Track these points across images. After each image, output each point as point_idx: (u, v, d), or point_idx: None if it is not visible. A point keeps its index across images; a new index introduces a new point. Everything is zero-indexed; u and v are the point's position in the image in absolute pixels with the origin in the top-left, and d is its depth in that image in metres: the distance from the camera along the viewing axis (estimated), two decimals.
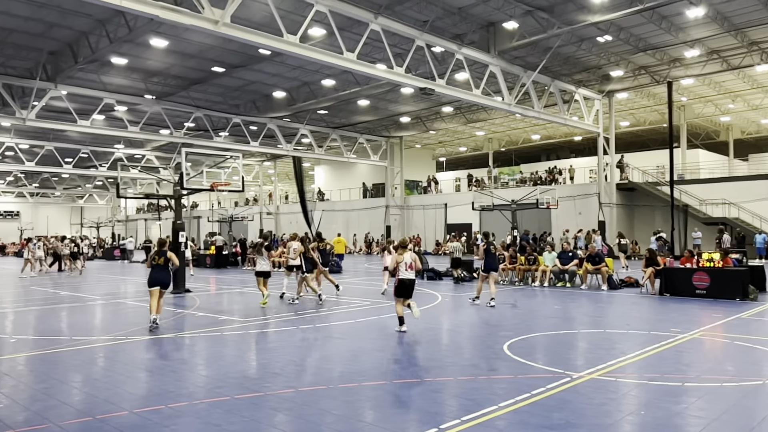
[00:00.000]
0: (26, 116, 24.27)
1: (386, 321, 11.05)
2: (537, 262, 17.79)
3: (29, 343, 9.38)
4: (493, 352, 8.09)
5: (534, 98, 25.33)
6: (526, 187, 33.77)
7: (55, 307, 14.03)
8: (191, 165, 25.44)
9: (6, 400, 6.18)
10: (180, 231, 16.45)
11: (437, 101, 30.89)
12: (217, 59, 24.45)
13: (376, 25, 17.88)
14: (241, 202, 54.79)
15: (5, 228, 63.18)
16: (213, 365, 7.72)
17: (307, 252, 14.00)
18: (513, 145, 45.34)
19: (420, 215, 40.95)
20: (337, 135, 37.10)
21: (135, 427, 5.19)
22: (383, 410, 5.75)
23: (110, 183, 54.53)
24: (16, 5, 18.29)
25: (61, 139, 38.59)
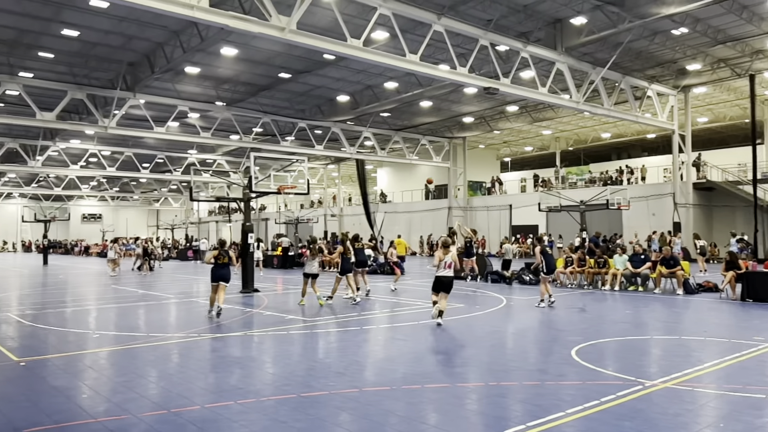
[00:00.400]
0: (108, 124, 25.73)
1: (448, 324, 10.98)
2: (607, 264, 17.19)
3: (110, 338, 9.93)
4: (561, 357, 7.88)
5: (603, 95, 24.51)
6: (596, 188, 32.69)
7: (133, 305, 14.79)
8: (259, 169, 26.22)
9: (89, 391, 6.58)
10: (249, 233, 16.96)
11: (502, 100, 30.43)
12: (283, 65, 25.08)
13: (439, 26, 17.82)
14: (306, 205, 55.92)
15: (89, 230, 67.22)
16: (279, 363, 7.91)
17: (345, 252, 14.15)
18: (581, 144, 44.01)
19: (484, 217, 40.42)
20: (400, 137, 37.22)
21: (206, 422, 5.40)
22: (447, 413, 5.72)
23: (184, 187, 56.97)
24: (99, 20, 19.44)
25: (139, 146, 40.71)
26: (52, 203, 59.46)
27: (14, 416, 5.57)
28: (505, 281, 19.09)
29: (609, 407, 5.68)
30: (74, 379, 7.12)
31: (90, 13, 18.63)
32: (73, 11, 18.59)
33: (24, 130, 34.67)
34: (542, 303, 13.05)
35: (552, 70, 21.73)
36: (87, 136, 36.63)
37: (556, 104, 24.64)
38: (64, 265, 36.15)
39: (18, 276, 26.37)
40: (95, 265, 35.06)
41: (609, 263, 17.14)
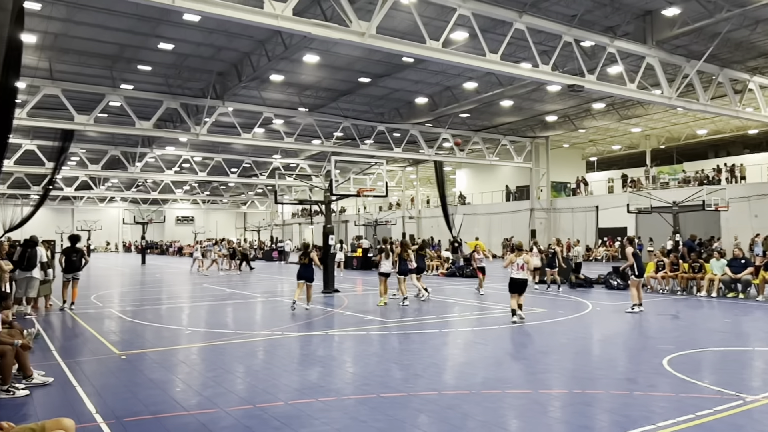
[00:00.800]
0: (199, 132, 27.14)
1: (530, 329, 10.72)
2: (703, 269, 16.16)
3: (201, 334, 10.47)
4: (651, 367, 7.48)
5: (699, 90, 23.04)
6: (690, 188, 30.82)
7: (222, 303, 15.50)
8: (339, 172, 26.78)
9: (182, 384, 6.96)
10: (330, 234, 17.33)
11: (587, 98, 29.33)
12: (363, 70, 25.46)
13: (520, 24, 17.45)
14: (384, 207, 56.40)
15: (182, 232, 71.16)
16: (359, 363, 8.03)
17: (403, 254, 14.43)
18: (674, 141, 41.61)
19: (568, 218, 39.12)
20: (479, 137, 36.72)
21: (290, 418, 5.57)
22: (528, 419, 5.58)
23: (269, 190, 59.09)
24: (191, 33, 20.57)
25: (227, 151, 42.67)
26: (149, 206, 63.49)
27: (116, 406, 5.99)
28: (590, 285, 18.44)
29: (705, 422, 5.34)
30: (169, 373, 7.57)
31: (183, 26, 19.75)
32: (168, 25, 19.77)
33: (125, 139, 37.28)
34: (636, 308, 12.52)
35: (642, 65, 20.69)
36: (180, 143, 38.85)
37: (647, 101, 23.44)
38: (160, 264, 38.50)
39: (119, 274, 28.33)
40: (188, 264, 37.07)
41: (705, 268, 16.11)
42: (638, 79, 21.02)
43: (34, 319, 11.95)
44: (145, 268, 32.26)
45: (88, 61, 23.27)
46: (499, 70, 18.23)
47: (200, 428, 5.33)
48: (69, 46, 21.63)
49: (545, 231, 39.83)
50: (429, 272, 25.43)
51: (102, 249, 67.51)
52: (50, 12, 18.12)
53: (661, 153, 43.73)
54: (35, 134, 32.65)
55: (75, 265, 13.58)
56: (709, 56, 21.58)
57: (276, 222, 68.24)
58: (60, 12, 18.34)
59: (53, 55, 22.22)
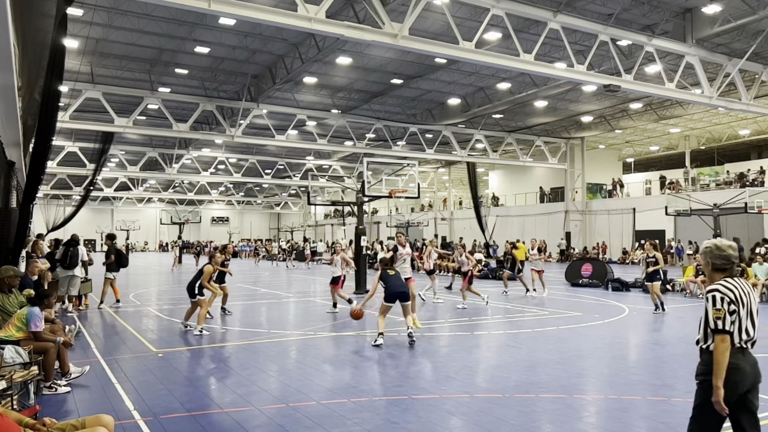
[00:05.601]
0: (234, 133, 27.60)
1: (564, 333, 10.56)
2: (746, 274, 15.64)
3: (235, 333, 10.62)
4: (690, 373, 7.24)
5: (741, 89, 22.36)
6: (732, 189, 29.91)
7: (256, 302, 15.70)
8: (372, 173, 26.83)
9: (217, 383, 7.08)
10: (362, 236, 17.39)
11: (624, 98, 28.78)
12: (395, 71, 25.49)
13: (555, 23, 17.22)
14: (416, 208, 56.30)
15: (217, 232, 72.38)
16: (391, 364, 8.03)
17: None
18: (715, 142, 40.44)
19: (604, 221, 38.38)
20: (513, 138, 36.37)
21: (323, 417, 5.60)
22: (562, 424, 5.49)
23: (302, 191, 59.64)
24: (227, 36, 20.93)
25: (261, 153, 43.24)
26: (185, 207, 64.77)
27: (153, 403, 6.12)
28: (626, 289, 18.11)
29: None
30: (204, 371, 7.70)
31: (219, 30, 20.11)
32: (204, 29, 20.16)
33: (162, 141, 38.15)
34: (658, 309, 12.67)
35: (681, 64, 20.20)
36: (216, 145, 39.53)
37: (686, 100, 22.87)
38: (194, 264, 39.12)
39: (156, 273, 28.98)
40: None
41: (748, 272, 15.60)
42: (677, 79, 20.51)
43: (75, 317, 12.31)
44: (182, 267, 32.91)
45: (127, 65, 23.90)
46: (533, 71, 18.03)
47: (234, 426, 5.41)
48: (109, 50, 22.25)
49: (580, 233, 39.19)
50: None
51: (140, 248, 69.13)
52: (92, 17, 18.67)
53: (701, 154, 42.56)
54: (77, 136, 33.71)
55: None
56: (752, 54, 20.94)
57: (309, 223, 68.81)
58: (101, 17, 18.88)
59: (94, 59, 22.89)
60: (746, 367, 3.49)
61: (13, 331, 6.47)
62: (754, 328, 3.54)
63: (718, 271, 3.63)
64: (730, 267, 3.61)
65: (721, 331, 3.44)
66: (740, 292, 3.53)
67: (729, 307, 3.46)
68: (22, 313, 6.62)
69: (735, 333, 3.47)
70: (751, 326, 3.54)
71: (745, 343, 3.52)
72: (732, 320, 3.46)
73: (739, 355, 3.48)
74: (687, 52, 19.81)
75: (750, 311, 3.55)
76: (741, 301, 3.51)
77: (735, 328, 3.47)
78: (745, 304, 3.53)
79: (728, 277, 3.59)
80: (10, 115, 8.73)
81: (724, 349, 3.43)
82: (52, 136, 9.53)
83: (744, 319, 3.51)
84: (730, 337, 3.44)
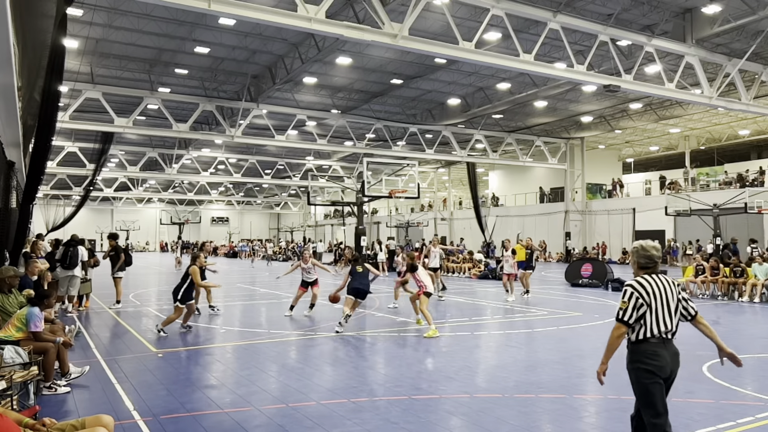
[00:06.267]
0: (234, 134, 27.59)
1: (564, 333, 10.55)
2: (745, 274, 15.66)
3: (235, 333, 10.62)
4: (690, 373, 7.29)
5: (741, 89, 22.37)
6: (732, 190, 29.92)
7: (256, 302, 15.70)
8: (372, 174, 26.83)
9: (217, 383, 7.08)
10: (361, 235, 17.41)
11: (623, 98, 28.79)
12: (395, 72, 25.49)
13: (554, 23, 17.23)
14: (416, 209, 56.30)
15: (217, 232, 72.39)
16: (391, 364, 8.03)
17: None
18: (715, 142, 40.45)
19: (604, 221, 38.39)
20: (513, 139, 36.37)
21: (322, 417, 5.60)
22: (562, 424, 5.49)
23: (302, 191, 59.63)
24: (227, 36, 20.93)
25: (261, 153, 43.24)
26: (185, 207, 64.75)
27: (153, 403, 6.12)
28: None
29: (746, 429, 5.17)
30: (204, 371, 7.70)
31: (219, 30, 20.11)
32: (204, 29, 20.16)
33: (162, 141, 38.16)
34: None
35: (680, 64, 20.21)
36: (216, 145, 39.54)
37: (686, 100, 22.88)
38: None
39: (156, 273, 28.98)
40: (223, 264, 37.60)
41: (747, 273, 15.61)
42: (677, 79, 20.53)
43: (75, 317, 12.31)
44: (182, 267, 32.88)
45: (127, 65, 23.90)
46: (533, 71, 18.04)
47: (234, 426, 5.41)
48: (109, 50, 22.25)
49: (580, 233, 39.19)
50: (461, 274, 25.28)
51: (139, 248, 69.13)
52: (91, 18, 18.67)
53: (701, 154, 42.58)
54: (77, 137, 33.71)
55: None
56: (752, 54, 20.96)
57: (309, 223, 68.80)
58: (101, 17, 18.88)
59: (94, 59, 22.89)
60: (666, 356, 3.84)
61: (12, 332, 6.47)
62: (671, 320, 3.87)
63: (642, 268, 4.01)
64: (653, 265, 3.98)
65: (619, 320, 3.91)
66: (654, 288, 3.87)
67: (636, 302, 3.85)
68: (22, 313, 6.62)
69: (653, 324, 3.84)
70: (668, 319, 3.86)
71: (664, 334, 3.85)
72: (640, 314, 3.84)
73: (660, 345, 3.84)
74: (687, 52, 19.82)
75: (668, 305, 3.87)
76: (655, 296, 3.85)
77: (651, 319, 3.84)
78: (660, 298, 3.86)
79: (650, 274, 3.95)
80: (10, 115, 8.73)
81: (617, 336, 3.92)
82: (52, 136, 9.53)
83: (660, 313, 3.85)
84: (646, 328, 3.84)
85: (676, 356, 3.91)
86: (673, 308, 3.90)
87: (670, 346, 3.89)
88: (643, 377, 3.85)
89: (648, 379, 3.82)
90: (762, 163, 35.58)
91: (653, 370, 3.81)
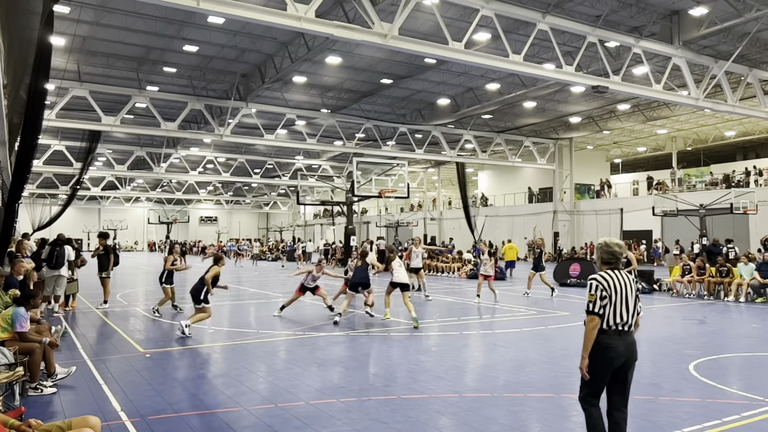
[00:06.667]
0: (223, 133, 27.45)
1: (552, 332, 10.61)
2: (731, 274, 15.83)
3: (224, 333, 10.57)
4: (677, 372, 7.36)
5: (727, 91, 22.61)
6: (718, 190, 30.24)
7: (245, 302, 15.63)
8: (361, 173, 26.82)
9: (205, 383, 7.04)
10: (351, 235, 17.40)
11: (612, 99, 28.98)
12: (385, 71, 25.49)
13: (544, 24, 17.31)
14: (406, 208, 56.34)
15: (206, 231, 71.98)
16: (381, 364, 8.03)
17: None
18: (701, 143, 40.87)
19: (592, 221, 38.64)
20: (502, 139, 36.50)
21: (311, 418, 5.59)
22: (550, 424, 5.53)
23: (291, 191, 59.45)
24: (216, 35, 20.82)
25: (250, 152, 43.04)
26: (173, 207, 64.31)
27: (141, 404, 6.08)
28: None
29: (732, 428, 5.23)
30: (192, 371, 7.65)
31: (207, 29, 20.00)
32: (193, 28, 20.03)
33: (150, 139, 37.87)
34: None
35: (668, 66, 20.39)
36: (204, 144, 39.30)
37: (673, 102, 23.07)
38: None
39: (144, 273, 28.76)
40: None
41: (733, 272, 15.79)
42: (664, 80, 20.71)
43: (61, 317, 12.19)
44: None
45: (114, 63, 23.69)
46: (522, 71, 18.11)
47: (223, 427, 5.39)
48: (96, 48, 22.04)
49: (568, 233, 39.42)
50: (451, 274, 25.34)
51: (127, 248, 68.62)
52: (78, 15, 18.48)
53: (688, 155, 42.99)
54: (63, 135, 33.37)
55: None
56: (738, 56, 21.18)
57: (298, 223, 68.64)
58: (88, 15, 18.70)
59: (81, 57, 22.67)
60: (620, 346, 4.14)
61: None
62: (628, 313, 4.18)
63: (605, 263, 4.32)
64: (615, 261, 4.29)
65: (590, 312, 4.17)
66: (615, 283, 4.18)
67: (601, 294, 4.14)
68: (8, 313, 6.55)
69: (610, 316, 4.14)
70: (626, 312, 4.17)
71: (620, 326, 4.16)
72: (603, 305, 4.13)
73: (615, 335, 4.15)
74: (674, 53, 20.01)
75: (626, 299, 4.17)
76: (615, 290, 4.16)
77: (609, 312, 4.13)
78: (620, 292, 4.16)
79: (612, 269, 4.26)
80: None
81: (592, 327, 4.15)
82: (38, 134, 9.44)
83: (618, 306, 4.15)
84: (604, 319, 4.13)
85: (632, 346, 4.21)
86: (632, 303, 4.20)
87: (626, 337, 4.18)
88: (595, 365, 4.16)
89: (599, 368, 4.15)
90: (748, 164, 35.99)
91: (605, 359, 4.12)
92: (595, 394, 4.24)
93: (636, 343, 4.26)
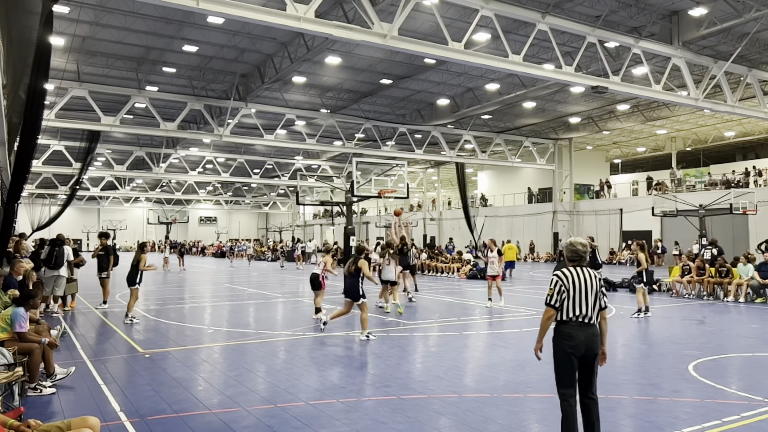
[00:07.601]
0: (222, 133, 27.43)
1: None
2: (730, 274, 15.83)
3: (223, 334, 10.56)
4: (676, 372, 7.36)
5: (727, 91, 22.62)
6: (718, 191, 30.24)
7: (244, 303, 15.63)
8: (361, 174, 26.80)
9: (205, 383, 7.03)
10: (351, 235, 17.40)
11: (611, 99, 29.00)
12: (385, 72, 25.48)
13: (543, 24, 17.31)
14: (406, 209, 56.33)
15: (205, 231, 71.96)
16: (380, 364, 8.03)
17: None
18: (701, 144, 40.89)
19: (591, 221, 38.66)
20: (501, 139, 36.50)
21: (311, 418, 5.59)
22: (549, 424, 5.52)
23: (291, 191, 59.42)
24: (216, 35, 20.81)
25: (250, 153, 43.02)
26: (173, 207, 64.29)
27: (140, 404, 6.07)
28: (613, 289, 18.24)
29: (732, 428, 5.23)
30: (192, 372, 7.65)
31: (207, 29, 19.99)
32: (193, 28, 20.02)
33: (149, 140, 37.85)
34: (641, 313, 12.47)
35: (667, 66, 20.40)
36: (204, 144, 39.29)
37: (672, 102, 23.08)
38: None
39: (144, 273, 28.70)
40: (211, 264, 37.40)
41: (733, 272, 15.79)
42: (664, 80, 20.71)
43: (60, 317, 12.18)
44: (169, 267, 32.66)
45: (114, 64, 23.68)
46: (522, 72, 18.11)
47: (222, 427, 5.38)
48: (96, 48, 22.03)
49: (568, 234, 39.40)
50: (450, 274, 25.34)
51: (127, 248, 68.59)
52: (78, 15, 18.47)
53: (687, 155, 43.01)
54: (63, 135, 33.34)
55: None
56: (738, 57, 21.19)
57: (298, 223, 68.63)
58: (87, 15, 18.69)
59: (81, 57, 22.66)
60: (580, 337, 4.44)
61: None
62: (587, 307, 4.47)
63: (570, 261, 4.65)
64: (579, 259, 4.62)
65: (546, 304, 4.56)
66: (575, 278, 4.51)
67: (559, 288, 4.50)
68: (7, 313, 6.54)
69: (569, 309, 4.47)
70: (584, 305, 4.47)
71: (580, 317, 4.47)
72: (561, 299, 4.48)
73: (576, 327, 4.48)
74: (673, 54, 20.01)
75: (585, 294, 4.47)
76: (574, 285, 4.48)
77: (569, 305, 4.47)
78: (578, 287, 4.48)
79: (576, 266, 4.59)
80: None
81: (547, 318, 4.58)
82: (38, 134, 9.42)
83: (577, 299, 4.47)
84: (564, 311, 4.47)
85: (593, 337, 4.48)
86: (591, 297, 4.49)
87: (587, 329, 4.47)
88: (558, 353, 4.50)
89: (562, 355, 4.47)
90: (747, 164, 36.01)
91: (567, 348, 4.44)
92: (568, 385, 4.49)
93: (599, 336, 4.52)
